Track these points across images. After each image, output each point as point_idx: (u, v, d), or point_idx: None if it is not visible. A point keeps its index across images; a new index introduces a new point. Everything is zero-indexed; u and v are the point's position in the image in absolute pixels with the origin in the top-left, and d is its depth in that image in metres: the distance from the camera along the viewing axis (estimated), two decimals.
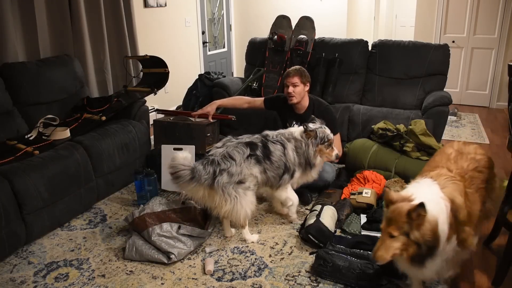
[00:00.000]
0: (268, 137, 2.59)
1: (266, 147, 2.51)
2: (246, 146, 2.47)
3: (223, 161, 2.37)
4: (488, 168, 2.04)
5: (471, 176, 1.93)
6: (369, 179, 3.02)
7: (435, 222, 1.65)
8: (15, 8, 3.30)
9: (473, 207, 1.86)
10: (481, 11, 5.57)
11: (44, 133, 3.01)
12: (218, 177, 2.32)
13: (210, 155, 2.42)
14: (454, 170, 1.93)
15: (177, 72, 5.15)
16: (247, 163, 2.42)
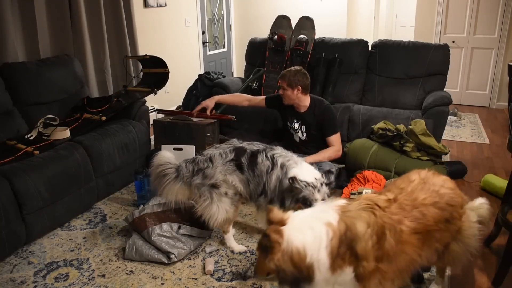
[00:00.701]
0: (266, 149, 2.35)
1: (254, 156, 2.32)
2: (232, 151, 2.35)
3: (203, 162, 2.33)
4: (454, 206, 1.68)
5: (423, 211, 1.59)
6: (369, 179, 3.02)
7: (296, 251, 1.45)
8: (15, 8, 3.30)
9: (404, 248, 1.53)
10: (481, 11, 5.57)
11: (44, 133, 3.01)
12: (194, 177, 2.31)
13: (200, 155, 2.40)
14: (400, 199, 1.61)
15: (177, 72, 5.15)
16: (224, 168, 2.30)
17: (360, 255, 1.47)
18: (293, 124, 3.26)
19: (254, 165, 2.30)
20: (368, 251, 1.48)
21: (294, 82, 3.04)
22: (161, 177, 2.33)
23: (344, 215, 1.53)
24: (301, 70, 3.10)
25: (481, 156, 4.00)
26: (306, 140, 3.25)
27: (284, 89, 3.09)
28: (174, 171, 2.32)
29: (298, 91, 3.08)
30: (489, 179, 3.20)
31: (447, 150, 3.13)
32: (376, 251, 1.49)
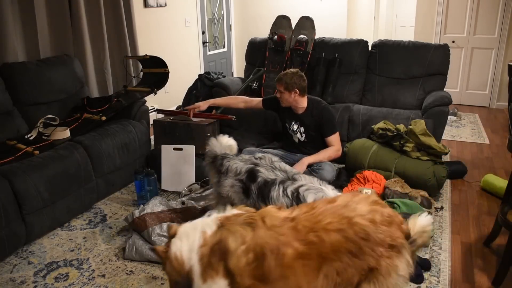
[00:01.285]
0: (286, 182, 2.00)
1: (267, 187, 2.03)
2: (246, 171, 2.18)
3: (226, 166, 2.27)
4: (368, 241, 1.43)
5: (320, 236, 1.42)
6: (369, 179, 3.02)
7: (174, 257, 1.46)
8: (15, 8, 3.30)
9: (286, 272, 1.41)
10: (481, 11, 5.57)
11: (44, 133, 3.01)
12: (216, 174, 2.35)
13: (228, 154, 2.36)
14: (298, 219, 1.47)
15: (177, 72, 5.15)
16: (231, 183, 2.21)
17: (232, 270, 1.42)
18: (291, 126, 3.26)
19: (265, 197, 2.00)
20: (241, 268, 1.41)
21: (291, 85, 3.04)
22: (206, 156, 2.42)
23: (224, 227, 1.49)
24: (298, 73, 3.08)
25: (481, 156, 4.00)
26: (305, 141, 3.25)
27: (281, 93, 3.09)
28: (212, 156, 2.38)
29: (295, 94, 3.07)
30: (489, 179, 3.20)
31: (447, 150, 3.13)
32: (254, 270, 1.42)
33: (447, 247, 2.49)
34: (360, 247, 1.43)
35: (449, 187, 3.29)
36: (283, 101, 3.14)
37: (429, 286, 2.12)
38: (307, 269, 1.42)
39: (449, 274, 2.24)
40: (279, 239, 1.43)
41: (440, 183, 3.03)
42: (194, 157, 3.20)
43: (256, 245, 1.42)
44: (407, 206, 2.61)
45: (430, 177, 2.99)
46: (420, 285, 2.13)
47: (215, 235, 1.47)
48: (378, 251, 1.43)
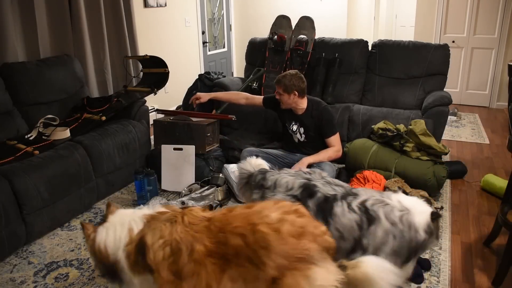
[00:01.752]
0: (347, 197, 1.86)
1: (328, 204, 1.86)
2: (300, 186, 1.97)
3: (270, 180, 2.05)
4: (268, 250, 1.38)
5: (227, 238, 1.43)
6: (369, 179, 3.02)
7: (97, 247, 1.54)
8: (15, 8, 3.30)
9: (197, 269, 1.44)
10: (481, 11, 5.57)
11: (44, 133, 3.01)
12: (256, 189, 2.09)
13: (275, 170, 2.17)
14: (213, 219, 1.51)
15: (177, 72, 5.15)
16: (281, 199, 1.97)
17: (149, 265, 1.46)
18: (291, 126, 3.26)
19: (327, 214, 1.85)
20: (158, 263, 1.46)
21: (290, 88, 3.03)
22: (238, 182, 2.28)
23: (148, 224, 1.53)
24: (297, 74, 3.08)
25: (481, 156, 4.00)
26: (305, 141, 3.25)
27: (281, 95, 3.09)
28: (245, 177, 2.19)
29: (294, 96, 3.07)
30: (489, 179, 3.20)
31: (447, 150, 3.13)
32: (171, 265, 1.46)
33: (447, 247, 2.49)
34: (258, 255, 1.39)
35: (449, 187, 3.29)
36: (282, 102, 3.14)
37: (429, 286, 2.12)
38: (215, 268, 1.44)
39: (449, 274, 2.24)
40: (194, 235, 1.46)
41: (440, 183, 3.03)
42: (194, 157, 3.20)
43: (173, 240, 1.46)
44: None
45: (430, 177, 2.99)
46: (420, 285, 2.13)
47: (139, 233, 1.52)
48: (279, 262, 1.37)
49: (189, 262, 1.44)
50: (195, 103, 3.46)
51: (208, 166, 3.27)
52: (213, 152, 3.38)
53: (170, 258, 1.46)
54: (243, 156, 3.26)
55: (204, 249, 1.44)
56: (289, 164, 3.21)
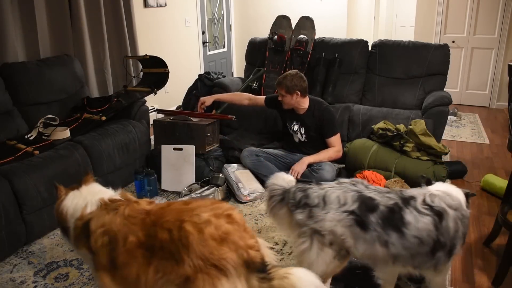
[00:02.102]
0: (410, 200, 1.79)
1: (396, 214, 1.75)
2: (356, 200, 1.79)
3: (316, 197, 1.84)
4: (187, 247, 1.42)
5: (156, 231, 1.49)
6: (369, 179, 3.02)
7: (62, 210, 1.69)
8: (15, 8, 3.30)
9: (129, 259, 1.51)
10: (481, 11, 5.57)
11: (44, 133, 3.01)
12: (298, 209, 1.86)
13: (311, 183, 1.97)
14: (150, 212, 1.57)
15: (177, 72, 5.15)
16: (337, 217, 1.77)
17: (91, 248, 1.58)
18: (292, 126, 3.26)
19: (399, 224, 1.73)
20: (97, 248, 1.56)
21: (292, 88, 3.03)
22: (269, 199, 2.01)
23: (99, 209, 1.62)
24: (297, 74, 3.08)
25: (481, 156, 4.00)
26: (305, 141, 3.25)
27: (283, 96, 3.09)
28: (280, 194, 1.96)
29: (297, 96, 3.07)
30: (489, 179, 3.20)
31: (447, 150, 3.13)
32: (109, 253, 1.54)
33: None
34: (179, 251, 1.42)
35: None
36: (285, 103, 3.14)
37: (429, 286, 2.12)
38: (144, 260, 1.50)
39: (449, 274, 2.23)
40: (130, 227, 1.53)
41: None
42: (194, 157, 3.20)
43: (111, 230, 1.55)
44: None
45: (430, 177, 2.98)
46: (420, 285, 2.12)
47: (89, 215, 1.62)
48: (196, 262, 1.39)
49: (122, 253, 1.52)
50: (201, 109, 3.47)
51: (208, 166, 3.27)
52: (213, 152, 3.38)
53: (108, 246, 1.55)
54: (243, 156, 3.27)
55: (136, 241, 1.51)
56: (289, 164, 3.22)
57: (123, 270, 1.53)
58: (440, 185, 1.90)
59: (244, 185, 3.05)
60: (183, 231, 1.43)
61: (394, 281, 2.01)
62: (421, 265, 1.80)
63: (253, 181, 3.14)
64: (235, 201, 3.04)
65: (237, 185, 3.05)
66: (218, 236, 1.41)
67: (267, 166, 3.19)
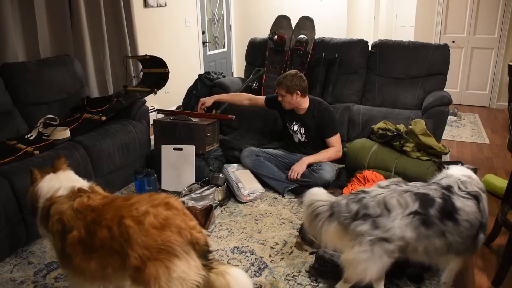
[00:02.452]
0: (451, 188, 1.86)
1: (450, 202, 1.81)
2: (415, 199, 1.80)
3: (376, 206, 1.79)
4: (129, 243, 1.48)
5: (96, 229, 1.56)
6: (369, 179, 3.02)
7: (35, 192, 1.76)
8: (15, 8, 3.30)
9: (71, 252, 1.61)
10: (481, 11, 5.57)
11: (44, 133, 3.01)
12: (357, 221, 1.78)
13: (363, 192, 1.89)
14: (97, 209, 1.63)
15: (177, 72, 5.15)
16: (405, 222, 1.76)
17: (49, 230, 1.69)
18: (292, 126, 3.26)
19: (453, 213, 1.79)
20: (53, 233, 1.67)
21: (292, 88, 3.03)
22: (313, 218, 1.86)
23: (66, 196, 1.71)
24: (297, 74, 3.08)
25: (481, 156, 4.00)
26: (305, 141, 3.26)
27: (283, 96, 3.09)
28: (327, 209, 1.84)
29: (297, 96, 3.07)
30: (489, 179, 3.20)
31: (447, 150, 3.13)
32: (61, 240, 1.64)
33: None
34: (122, 247, 1.49)
35: None
36: (285, 104, 3.14)
37: (429, 286, 2.12)
38: (83, 256, 1.59)
39: None
40: (76, 222, 1.61)
41: None
42: (194, 157, 3.20)
43: (63, 220, 1.64)
44: None
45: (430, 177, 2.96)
46: (420, 285, 2.13)
47: (55, 199, 1.70)
48: (141, 252, 1.45)
49: (68, 244, 1.61)
50: (202, 110, 3.48)
51: (208, 166, 3.27)
52: (213, 152, 3.38)
53: (60, 234, 1.65)
54: (243, 156, 3.27)
55: (77, 236, 1.59)
56: (289, 164, 3.22)
57: (70, 260, 1.62)
58: (457, 169, 2.00)
59: (244, 185, 3.05)
60: (123, 226, 1.49)
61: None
62: (466, 249, 1.86)
63: (253, 181, 3.14)
64: (235, 201, 3.04)
65: (237, 185, 3.05)
66: (159, 223, 1.48)
67: (267, 166, 3.19)
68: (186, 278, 1.44)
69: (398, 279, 2.14)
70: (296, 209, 2.92)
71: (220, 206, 2.93)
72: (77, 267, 1.62)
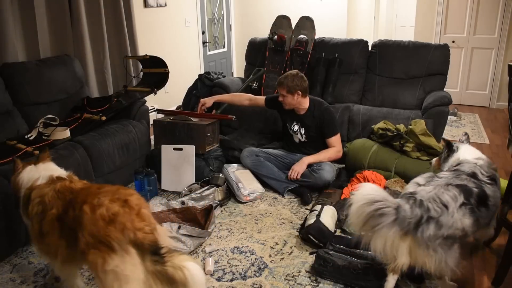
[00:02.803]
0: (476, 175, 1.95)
1: (482, 190, 1.90)
2: (459, 191, 1.85)
3: (435, 207, 1.78)
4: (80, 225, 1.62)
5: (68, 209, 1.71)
6: (369, 179, 3.02)
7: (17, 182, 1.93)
8: (15, 8, 3.30)
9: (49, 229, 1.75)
10: (481, 11, 5.57)
11: (44, 133, 3.00)
12: (423, 226, 1.75)
13: (413, 194, 1.86)
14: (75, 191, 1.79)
15: (177, 72, 5.15)
16: (461, 214, 1.80)
17: (28, 214, 1.83)
18: (292, 126, 3.26)
19: (485, 200, 1.90)
20: (33, 216, 1.80)
21: (293, 88, 3.03)
22: (376, 217, 1.75)
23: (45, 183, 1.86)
24: (298, 74, 3.08)
25: None
26: (305, 142, 3.26)
27: (284, 96, 3.09)
28: (394, 213, 1.75)
29: (298, 96, 3.07)
30: None
31: None
32: (40, 221, 1.77)
33: None
34: (76, 229, 1.64)
35: None
36: (286, 104, 3.14)
37: (429, 286, 2.12)
38: (59, 232, 1.73)
39: None
40: (56, 201, 1.76)
41: None
42: (194, 157, 3.20)
43: (44, 202, 1.78)
44: None
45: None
46: (420, 285, 2.12)
47: (35, 187, 1.85)
48: (87, 239, 1.59)
49: (46, 222, 1.75)
50: (202, 110, 3.48)
51: (208, 166, 3.27)
52: (213, 152, 3.38)
53: (39, 216, 1.78)
54: (243, 156, 3.27)
55: (56, 213, 1.73)
56: (289, 164, 3.22)
57: (46, 238, 1.75)
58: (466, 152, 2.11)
59: (244, 185, 3.05)
60: (81, 211, 1.63)
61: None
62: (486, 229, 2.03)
63: (253, 181, 3.14)
64: (235, 201, 3.04)
65: (237, 185, 3.05)
66: (108, 217, 1.58)
67: (267, 166, 3.19)
68: (119, 272, 1.55)
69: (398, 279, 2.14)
70: (296, 209, 2.92)
71: (220, 206, 2.93)
72: (51, 245, 1.75)
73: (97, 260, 1.56)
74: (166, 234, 1.73)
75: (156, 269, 1.56)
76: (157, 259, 1.56)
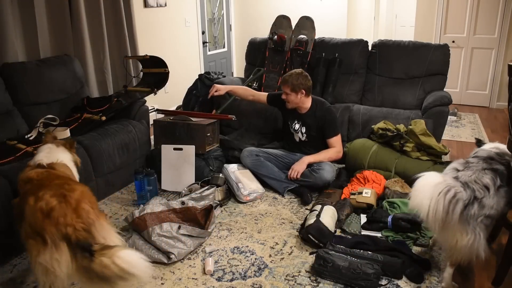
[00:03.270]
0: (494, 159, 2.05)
1: (506, 166, 2.01)
2: (495, 174, 1.95)
3: (480, 189, 1.89)
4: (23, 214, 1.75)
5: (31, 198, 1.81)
6: (369, 179, 3.02)
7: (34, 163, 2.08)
8: (15, 8, 3.30)
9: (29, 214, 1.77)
10: (481, 11, 5.57)
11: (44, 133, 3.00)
12: (468, 207, 1.84)
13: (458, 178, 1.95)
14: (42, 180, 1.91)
15: (177, 72, 5.15)
16: (499, 196, 1.92)
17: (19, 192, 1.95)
18: (293, 125, 3.26)
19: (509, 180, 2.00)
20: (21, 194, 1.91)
21: (297, 86, 3.04)
22: (453, 204, 1.82)
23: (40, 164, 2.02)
24: (303, 73, 3.09)
25: None
26: (306, 141, 3.26)
27: (288, 94, 3.09)
28: (468, 198, 1.86)
29: (301, 95, 3.08)
30: None
31: (447, 150, 3.13)
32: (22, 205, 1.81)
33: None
34: (20, 217, 1.75)
35: None
36: (289, 102, 3.13)
37: (429, 286, 2.12)
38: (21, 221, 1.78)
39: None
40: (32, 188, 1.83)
41: None
42: (194, 157, 3.20)
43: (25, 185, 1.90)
44: (407, 206, 2.61)
45: None
46: (420, 285, 2.13)
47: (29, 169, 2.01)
48: (27, 229, 1.70)
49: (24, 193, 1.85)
50: (212, 94, 3.46)
51: (208, 166, 3.27)
52: (213, 152, 3.38)
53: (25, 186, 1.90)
54: (243, 156, 3.27)
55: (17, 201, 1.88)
56: (289, 163, 3.22)
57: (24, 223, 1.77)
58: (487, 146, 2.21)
59: (244, 185, 3.05)
60: (25, 201, 1.74)
61: None
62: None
63: (253, 181, 3.14)
64: (235, 201, 3.04)
65: (237, 185, 3.05)
66: (45, 211, 1.68)
67: (267, 166, 3.19)
68: (47, 267, 1.62)
69: (398, 279, 2.14)
70: (296, 209, 2.92)
71: (220, 206, 2.93)
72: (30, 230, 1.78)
73: (32, 251, 1.65)
74: (109, 230, 1.77)
75: (83, 266, 1.62)
76: (86, 255, 1.61)
